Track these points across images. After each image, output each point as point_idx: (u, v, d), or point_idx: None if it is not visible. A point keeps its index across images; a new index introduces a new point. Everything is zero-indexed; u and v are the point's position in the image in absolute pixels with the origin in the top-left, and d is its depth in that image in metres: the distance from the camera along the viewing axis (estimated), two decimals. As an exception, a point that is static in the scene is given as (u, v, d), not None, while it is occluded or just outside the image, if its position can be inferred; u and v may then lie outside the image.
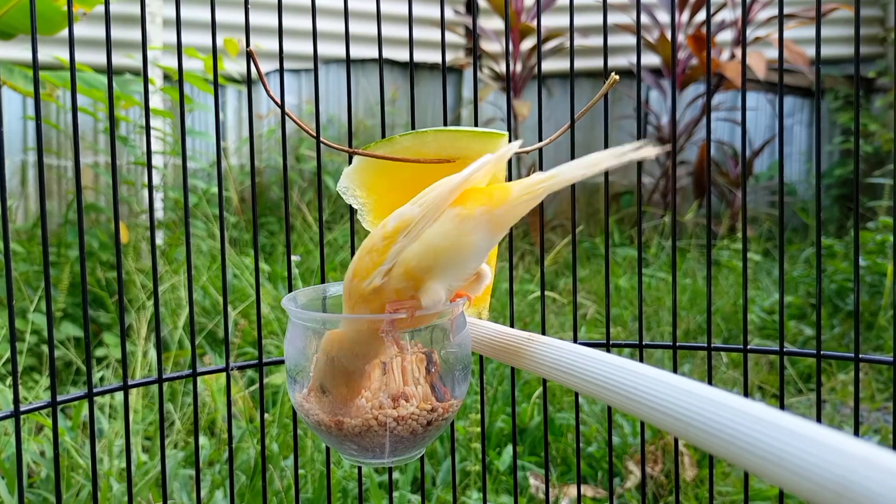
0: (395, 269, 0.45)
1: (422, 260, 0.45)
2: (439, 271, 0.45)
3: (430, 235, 0.45)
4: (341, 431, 0.47)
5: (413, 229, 0.45)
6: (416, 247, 0.45)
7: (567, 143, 0.65)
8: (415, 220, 0.45)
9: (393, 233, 0.45)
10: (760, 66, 2.85)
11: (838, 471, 0.26)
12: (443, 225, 0.45)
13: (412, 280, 0.45)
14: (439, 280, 0.46)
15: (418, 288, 0.46)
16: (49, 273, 0.54)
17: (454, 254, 0.45)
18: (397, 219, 0.46)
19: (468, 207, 0.45)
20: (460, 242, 0.45)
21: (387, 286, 0.45)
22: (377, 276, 0.45)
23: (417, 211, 0.45)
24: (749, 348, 0.64)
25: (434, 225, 0.45)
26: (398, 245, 0.45)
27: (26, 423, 1.29)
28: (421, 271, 0.45)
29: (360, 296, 0.46)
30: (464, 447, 1.40)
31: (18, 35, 1.37)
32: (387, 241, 0.46)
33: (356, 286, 0.46)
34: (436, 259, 0.45)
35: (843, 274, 2.32)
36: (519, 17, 3.18)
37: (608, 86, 0.54)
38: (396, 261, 0.45)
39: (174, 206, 2.31)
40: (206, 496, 1.17)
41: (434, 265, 0.45)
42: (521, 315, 2.12)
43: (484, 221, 0.45)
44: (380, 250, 0.46)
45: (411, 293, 0.46)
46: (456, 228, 0.45)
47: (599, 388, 0.39)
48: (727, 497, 1.34)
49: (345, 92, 3.15)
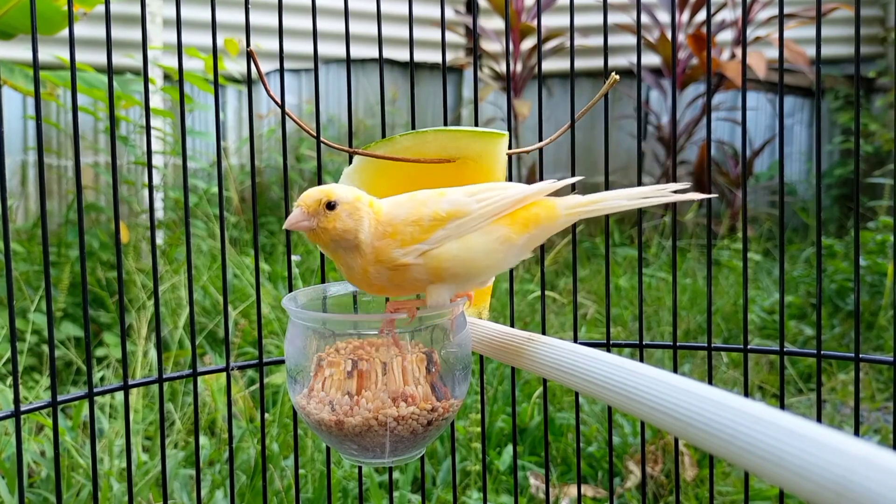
0: (427, 258, 0.45)
1: (455, 265, 0.45)
2: (464, 280, 0.46)
3: (473, 245, 0.45)
4: (342, 431, 0.47)
5: (464, 224, 0.45)
6: (457, 250, 0.45)
7: (567, 143, 0.65)
8: (470, 215, 0.45)
9: (446, 217, 0.45)
10: (761, 66, 2.85)
11: (838, 471, 0.26)
12: (490, 243, 0.45)
13: (434, 276, 0.45)
14: (457, 286, 0.46)
15: (432, 283, 0.46)
16: (49, 273, 0.54)
17: (486, 272, 0.46)
18: (452, 205, 0.45)
19: (516, 231, 0.46)
20: (499, 266, 0.46)
21: (410, 270, 0.45)
22: (413, 252, 0.45)
23: (475, 207, 0.45)
24: (749, 348, 0.64)
25: (480, 235, 0.45)
26: (444, 231, 0.45)
27: (27, 423, 1.29)
28: (448, 274, 0.45)
29: (385, 261, 0.45)
30: (464, 447, 1.40)
31: (19, 35, 1.37)
32: (435, 222, 0.45)
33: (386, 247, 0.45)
34: (469, 271, 0.45)
35: (843, 274, 2.32)
36: (519, 17, 3.18)
37: (608, 85, 0.54)
38: (432, 253, 0.45)
39: (174, 205, 2.31)
40: (207, 496, 1.17)
41: (464, 274, 0.45)
42: (522, 315, 2.12)
43: (525, 244, 0.47)
44: (424, 227, 0.45)
45: (424, 286, 0.46)
46: (500, 252, 0.46)
47: (600, 387, 0.39)
48: (727, 497, 1.34)
49: (345, 92, 3.15)
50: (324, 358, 0.48)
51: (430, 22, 3.03)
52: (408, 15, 0.64)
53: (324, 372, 0.48)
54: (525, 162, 3.16)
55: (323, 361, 0.48)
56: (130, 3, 2.62)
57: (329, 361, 0.48)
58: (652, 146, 3.38)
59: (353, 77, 3.14)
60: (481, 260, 0.45)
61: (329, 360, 0.48)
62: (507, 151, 0.54)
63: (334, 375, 0.47)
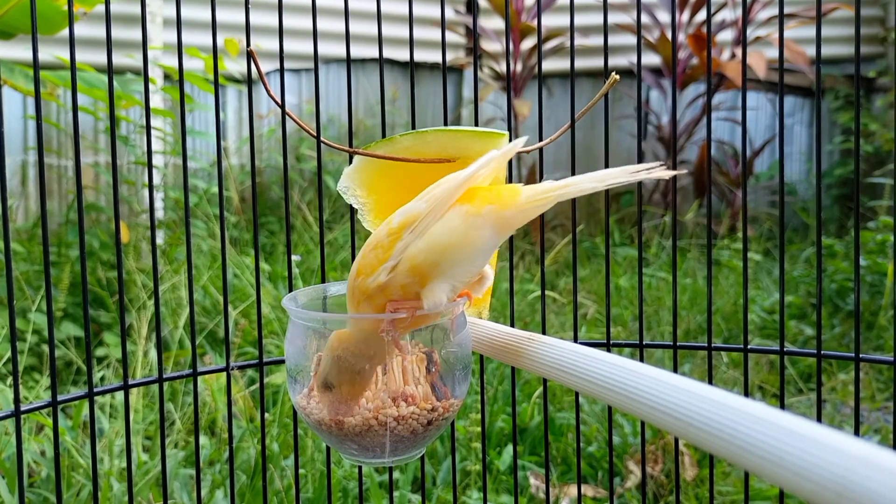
0: (400, 266, 0.45)
1: (428, 255, 0.44)
2: (445, 268, 0.45)
3: (436, 232, 0.45)
4: (342, 431, 0.47)
5: (419, 225, 0.45)
6: (423, 243, 0.45)
7: (567, 143, 0.65)
8: (421, 215, 0.45)
9: (398, 229, 0.45)
10: (761, 66, 2.85)
11: (839, 471, 0.26)
12: (450, 221, 0.45)
13: (418, 276, 0.45)
14: (444, 278, 0.46)
15: (423, 285, 0.45)
16: (49, 273, 0.54)
17: (460, 250, 0.45)
18: (403, 215, 0.46)
19: (476, 205, 0.45)
20: (467, 239, 0.45)
21: (392, 283, 0.45)
22: (382, 272, 0.45)
23: (424, 206, 0.45)
24: (749, 348, 0.64)
25: (441, 221, 0.45)
26: (403, 241, 0.45)
27: (27, 423, 1.29)
28: (427, 267, 0.45)
29: (365, 293, 0.46)
30: (464, 447, 1.40)
31: (19, 34, 1.37)
32: (392, 237, 0.45)
33: (361, 284, 0.46)
34: (442, 255, 0.45)
35: (843, 274, 2.32)
36: (519, 17, 3.18)
37: (608, 85, 0.54)
38: (402, 257, 0.45)
39: (175, 205, 2.31)
40: (207, 496, 1.18)
41: (440, 261, 0.45)
42: (522, 315, 2.12)
43: (492, 220, 0.45)
44: (385, 246, 0.45)
45: (416, 290, 0.45)
46: (463, 225, 0.45)
47: (600, 387, 0.39)
48: (727, 497, 1.34)
49: (345, 91, 3.15)
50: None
51: (430, 22, 3.03)
52: (408, 15, 0.64)
53: (324, 372, 0.48)
54: (525, 162, 3.16)
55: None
56: (130, 2, 2.62)
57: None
58: (652, 146, 3.38)
59: (354, 77, 3.14)
60: (448, 239, 0.45)
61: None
62: (508, 151, 0.54)
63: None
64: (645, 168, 0.43)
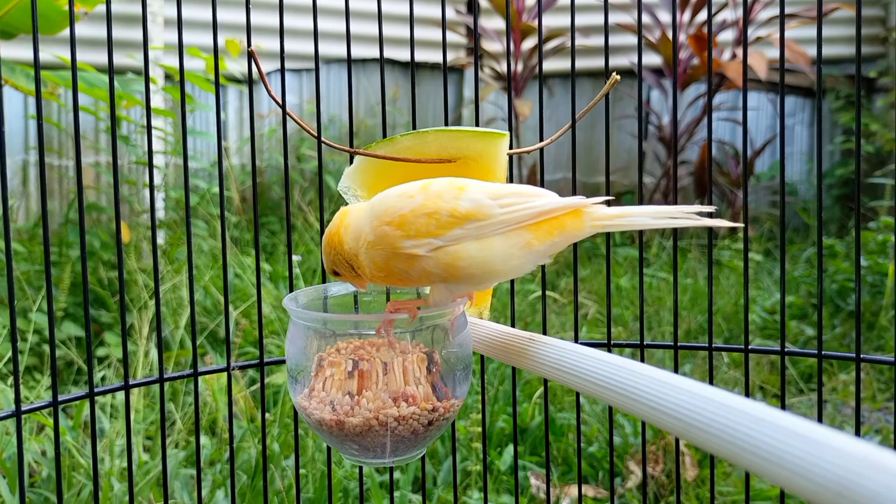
0: (440, 254, 0.44)
1: (473, 266, 0.44)
2: (476, 282, 0.45)
3: (494, 249, 0.44)
4: (342, 431, 0.47)
5: (484, 227, 0.44)
6: (476, 251, 0.44)
7: (568, 143, 0.65)
8: (491, 219, 0.44)
9: (465, 216, 0.44)
10: (762, 66, 2.85)
11: (839, 471, 0.26)
12: (510, 248, 0.44)
13: (446, 273, 0.44)
14: (466, 286, 0.46)
15: (443, 280, 0.45)
16: (50, 273, 0.54)
17: (503, 276, 0.45)
18: (474, 204, 0.44)
19: (540, 238, 0.45)
20: (516, 271, 0.45)
21: (420, 262, 0.44)
22: (425, 246, 0.44)
23: (497, 212, 0.44)
24: (750, 348, 0.64)
25: (501, 239, 0.44)
26: (463, 230, 0.44)
27: (27, 423, 1.29)
28: (464, 274, 0.44)
29: (391, 247, 0.44)
30: (465, 447, 1.40)
31: (20, 34, 1.38)
32: (453, 220, 0.44)
33: (396, 238, 0.44)
34: (485, 273, 0.45)
35: (844, 274, 2.32)
36: (520, 17, 3.18)
37: (609, 85, 0.54)
38: (448, 248, 0.44)
39: (175, 205, 2.31)
40: (208, 496, 1.18)
41: (479, 275, 0.45)
42: (522, 315, 2.12)
43: (544, 252, 0.45)
44: (441, 223, 0.44)
45: (430, 280, 0.45)
46: (521, 258, 0.45)
47: (600, 387, 0.39)
48: (728, 497, 1.34)
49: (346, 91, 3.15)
50: (325, 358, 0.48)
51: (430, 22, 3.03)
52: (409, 15, 0.64)
53: (325, 372, 0.48)
54: (526, 162, 3.16)
55: (324, 361, 0.48)
56: (131, 2, 2.62)
57: (330, 361, 0.48)
58: (653, 146, 3.38)
59: (354, 77, 3.14)
60: (499, 264, 0.44)
61: (330, 360, 0.48)
62: (508, 151, 0.54)
63: (335, 375, 0.47)
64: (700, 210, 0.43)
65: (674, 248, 0.63)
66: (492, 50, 3.31)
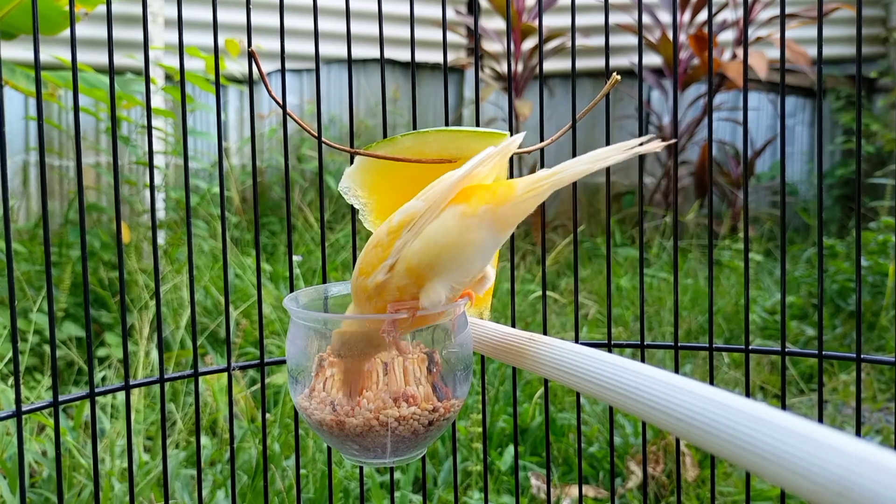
0: (398, 266, 0.45)
1: (423, 257, 0.44)
2: (441, 269, 0.45)
3: (432, 232, 0.44)
4: (343, 431, 0.47)
5: (416, 224, 0.45)
6: (419, 243, 0.44)
7: (569, 143, 0.65)
8: (418, 214, 0.45)
9: (398, 227, 0.45)
10: (762, 66, 2.85)
11: (840, 471, 0.26)
12: (445, 222, 0.44)
13: (414, 277, 0.45)
14: (441, 279, 0.45)
15: (421, 286, 0.45)
16: (51, 273, 0.54)
17: (456, 251, 0.45)
18: (402, 213, 0.46)
19: (472, 205, 0.45)
20: (463, 240, 0.45)
21: (390, 283, 0.45)
22: (381, 271, 0.45)
23: (421, 205, 0.45)
24: (751, 348, 0.64)
25: (437, 221, 0.45)
26: (401, 240, 0.45)
27: (28, 423, 1.29)
28: (423, 268, 0.45)
29: (365, 293, 0.46)
30: (465, 447, 1.40)
31: (20, 35, 1.38)
32: (391, 235, 0.45)
33: (361, 283, 0.46)
34: (437, 256, 0.44)
35: (844, 274, 2.32)
36: (520, 17, 3.18)
37: (609, 86, 0.54)
38: (399, 257, 0.45)
39: (176, 206, 2.31)
40: (208, 496, 1.18)
41: (436, 262, 0.44)
42: (523, 315, 2.12)
43: (488, 220, 0.45)
44: (384, 245, 0.45)
45: (414, 291, 0.45)
46: (458, 226, 0.44)
47: (601, 388, 0.39)
48: (729, 497, 1.34)
49: (346, 92, 3.15)
50: (325, 358, 0.48)
51: (431, 22, 3.03)
52: (409, 15, 0.64)
53: (325, 372, 0.48)
54: (526, 162, 3.16)
55: (324, 362, 0.48)
56: (132, 3, 2.62)
57: (330, 362, 0.48)
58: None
59: (355, 77, 3.14)
60: (442, 240, 0.44)
61: (330, 361, 0.48)
62: (509, 152, 0.54)
63: (335, 376, 0.48)
64: (637, 143, 0.42)
65: (674, 248, 0.63)
66: (492, 50, 3.31)
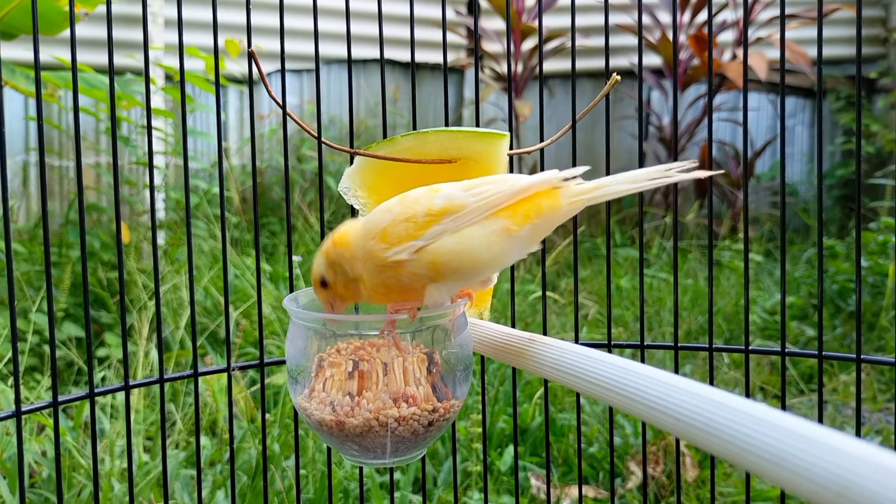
0: (422, 255, 0.44)
1: (454, 259, 0.44)
2: (465, 275, 0.45)
3: (471, 239, 0.44)
4: (342, 432, 0.47)
5: (460, 217, 0.43)
6: (453, 244, 0.44)
7: (569, 144, 0.65)
8: (466, 209, 0.44)
9: (440, 212, 0.44)
10: (762, 67, 2.85)
11: (840, 471, 0.26)
12: (489, 235, 0.44)
13: (433, 272, 0.44)
14: (457, 282, 0.45)
15: (434, 281, 0.45)
16: (50, 273, 0.54)
17: (488, 266, 0.45)
18: (447, 199, 0.44)
19: (518, 223, 0.44)
20: (500, 258, 0.44)
21: (407, 266, 0.44)
22: (407, 250, 0.44)
23: (471, 201, 0.44)
24: (751, 349, 0.64)
25: (478, 227, 0.44)
26: (440, 226, 0.44)
27: (28, 423, 1.29)
28: (447, 269, 0.44)
29: (378, 262, 0.44)
30: (465, 447, 1.40)
31: (20, 35, 1.38)
32: (430, 218, 0.44)
33: (379, 251, 0.44)
34: (468, 264, 0.44)
35: (844, 275, 2.32)
36: (520, 18, 3.18)
37: (609, 86, 0.54)
38: (428, 248, 0.44)
39: (176, 206, 2.31)
40: (208, 496, 1.18)
41: (463, 269, 0.44)
42: (523, 315, 2.12)
43: (526, 237, 0.45)
44: (419, 224, 0.44)
45: (423, 283, 0.45)
46: (501, 244, 0.44)
47: (601, 388, 0.39)
48: (729, 498, 1.34)
49: (346, 92, 3.15)
50: (325, 358, 0.48)
51: (431, 22, 3.03)
52: (409, 15, 0.64)
53: (325, 372, 0.48)
54: (526, 162, 3.16)
55: (324, 362, 0.48)
56: (132, 3, 2.62)
57: (330, 362, 0.48)
58: (653, 147, 3.38)
59: (355, 77, 3.14)
60: (480, 253, 0.44)
61: (330, 361, 0.48)
62: (509, 152, 0.54)
63: (335, 376, 0.47)
64: (679, 167, 0.42)
65: (674, 248, 0.63)
66: (492, 51, 3.31)
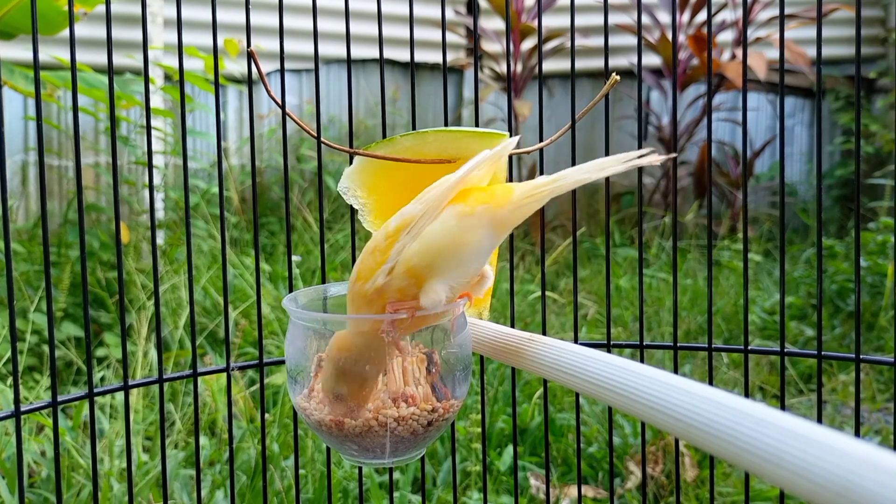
0: (397, 268, 0.45)
1: (423, 258, 0.44)
2: (440, 269, 0.45)
3: (430, 233, 0.45)
4: (342, 432, 0.47)
5: (414, 227, 0.45)
6: (417, 245, 0.44)
7: (568, 144, 0.65)
8: (416, 217, 0.45)
9: (395, 231, 0.45)
10: (761, 67, 2.85)
11: (839, 471, 0.26)
12: (444, 222, 0.45)
13: (414, 278, 0.45)
14: (441, 279, 0.45)
15: (420, 287, 0.45)
16: (50, 273, 0.54)
17: (455, 251, 0.45)
18: (400, 217, 0.46)
19: (470, 205, 0.45)
20: (461, 240, 0.45)
21: (389, 286, 0.45)
22: (380, 275, 0.45)
23: (419, 208, 0.45)
24: (750, 349, 0.64)
25: (435, 223, 0.45)
26: (400, 243, 0.45)
27: (27, 423, 1.29)
28: (422, 269, 0.45)
29: (364, 298, 0.46)
30: (464, 447, 1.40)
31: (19, 35, 1.37)
32: (389, 239, 0.45)
33: (360, 288, 0.46)
34: (436, 257, 0.44)
35: (843, 274, 2.32)
36: (519, 18, 3.18)
37: (609, 86, 0.54)
38: (398, 259, 0.45)
39: (175, 206, 2.31)
40: (207, 496, 1.17)
41: (435, 263, 0.45)
42: (522, 315, 2.12)
43: (486, 220, 0.45)
44: (382, 249, 0.45)
45: (414, 292, 0.45)
46: (457, 226, 0.45)
47: (600, 388, 0.39)
48: (728, 498, 1.34)
49: (345, 92, 3.15)
50: (324, 358, 0.48)
51: (430, 22, 3.03)
52: (408, 15, 0.64)
53: (324, 372, 0.48)
54: (526, 162, 3.16)
55: (323, 362, 0.48)
56: (131, 3, 2.62)
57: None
58: (653, 146, 3.37)
59: (354, 77, 3.14)
60: (442, 240, 0.44)
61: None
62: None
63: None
64: (637, 155, 0.42)
65: (673, 248, 0.63)
66: (491, 50, 3.31)
